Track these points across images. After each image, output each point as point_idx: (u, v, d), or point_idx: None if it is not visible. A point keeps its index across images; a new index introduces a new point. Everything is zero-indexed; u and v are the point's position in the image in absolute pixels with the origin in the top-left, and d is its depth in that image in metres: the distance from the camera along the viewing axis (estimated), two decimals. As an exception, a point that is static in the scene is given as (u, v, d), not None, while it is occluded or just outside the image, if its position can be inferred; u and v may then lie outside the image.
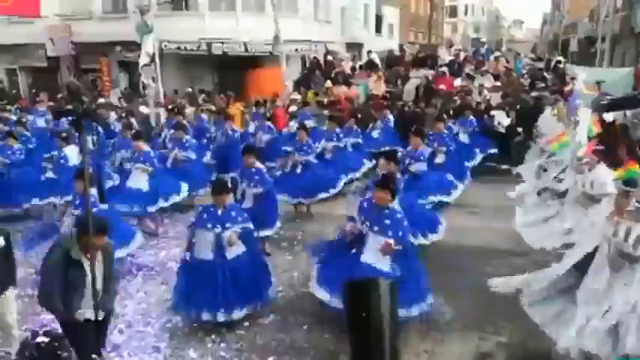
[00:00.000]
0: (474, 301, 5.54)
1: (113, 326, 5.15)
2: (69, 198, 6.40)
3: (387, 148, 10.48)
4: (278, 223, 6.89)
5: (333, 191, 8.67)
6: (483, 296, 5.67)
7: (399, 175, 6.30)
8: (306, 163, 8.49)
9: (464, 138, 10.71)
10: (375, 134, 11.36)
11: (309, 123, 11.23)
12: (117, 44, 20.27)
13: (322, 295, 4.83)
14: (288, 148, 9.55)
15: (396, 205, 4.92)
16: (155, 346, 4.88)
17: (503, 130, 11.24)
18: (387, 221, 4.71)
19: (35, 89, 22.67)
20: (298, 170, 8.43)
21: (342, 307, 3.91)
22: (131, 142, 8.28)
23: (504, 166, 11.11)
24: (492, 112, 11.59)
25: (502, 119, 11.38)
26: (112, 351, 4.78)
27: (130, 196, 7.43)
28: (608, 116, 10.53)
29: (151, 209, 7.58)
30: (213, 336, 4.96)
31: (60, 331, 3.69)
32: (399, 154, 7.28)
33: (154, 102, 12.74)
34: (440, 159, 8.53)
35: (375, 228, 4.73)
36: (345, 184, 9.08)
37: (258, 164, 6.75)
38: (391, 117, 11.80)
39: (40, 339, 2.31)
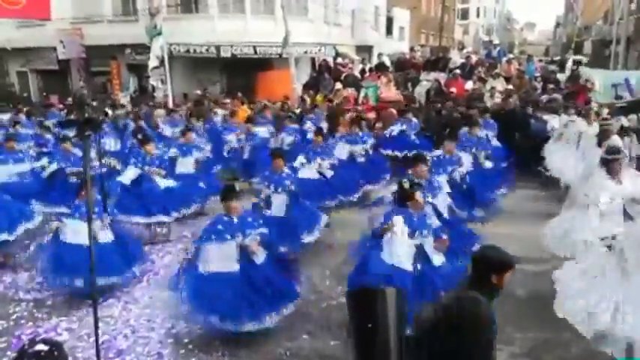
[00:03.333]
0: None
1: (117, 332, 5.12)
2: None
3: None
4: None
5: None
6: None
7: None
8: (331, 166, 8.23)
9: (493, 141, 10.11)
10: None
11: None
12: (127, 47, 20.42)
13: None
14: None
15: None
16: (159, 352, 4.80)
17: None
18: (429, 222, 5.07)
19: (46, 92, 22.92)
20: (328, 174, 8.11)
21: None
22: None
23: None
24: (545, 117, 10.96)
25: (555, 124, 10.51)
26: (115, 357, 4.73)
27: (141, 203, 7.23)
28: (624, 120, 10.32)
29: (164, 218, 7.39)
30: (217, 343, 4.84)
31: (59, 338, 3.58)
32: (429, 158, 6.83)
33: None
34: (488, 163, 8.47)
35: (425, 232, 4.95)
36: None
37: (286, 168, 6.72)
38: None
39: (38, 347, 2.17)
